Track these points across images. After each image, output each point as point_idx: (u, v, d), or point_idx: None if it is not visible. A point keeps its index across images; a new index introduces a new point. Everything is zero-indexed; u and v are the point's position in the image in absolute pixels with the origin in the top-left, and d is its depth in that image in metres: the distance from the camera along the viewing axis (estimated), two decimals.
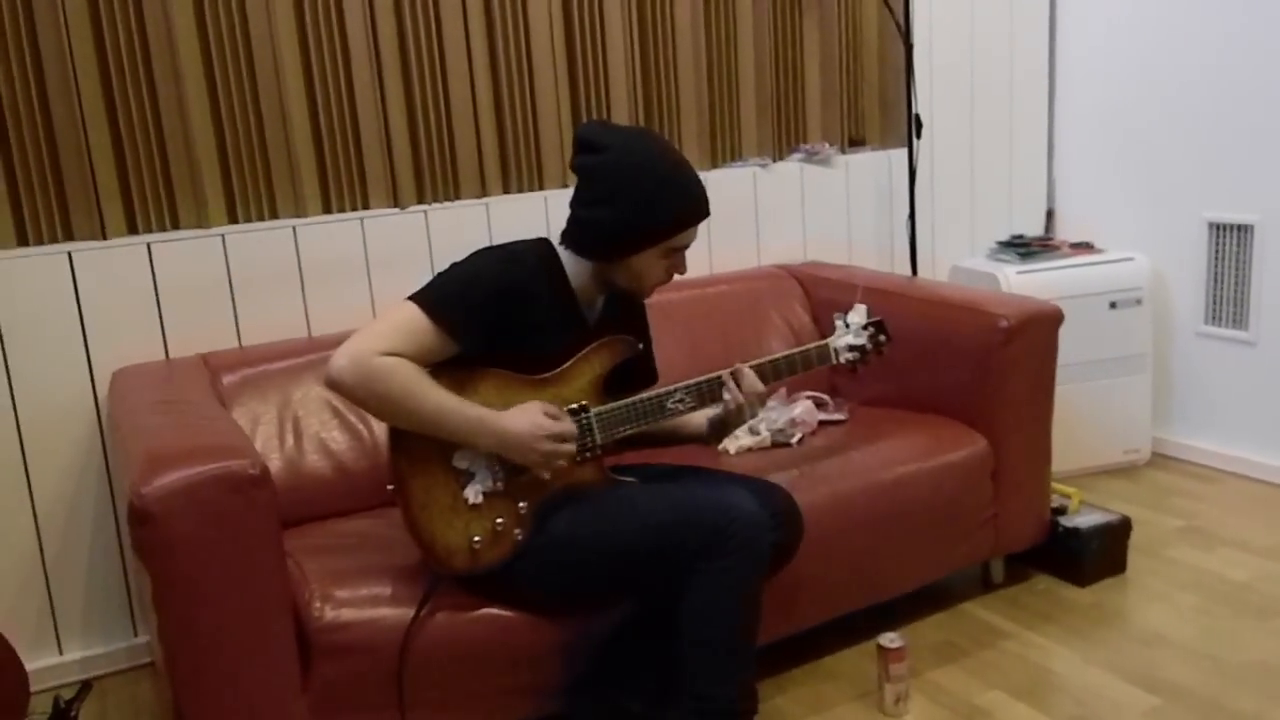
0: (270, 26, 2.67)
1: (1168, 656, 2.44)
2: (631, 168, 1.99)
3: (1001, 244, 3.66)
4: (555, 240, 2.09)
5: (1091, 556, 2.79)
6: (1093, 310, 3.36)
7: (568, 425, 1.98)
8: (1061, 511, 2.85)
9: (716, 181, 3.29)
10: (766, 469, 2.39)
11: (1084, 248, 3.63)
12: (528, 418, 1.95)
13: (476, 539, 1.98)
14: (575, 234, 2.05)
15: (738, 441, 2.64)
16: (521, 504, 2.00)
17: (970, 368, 2.69)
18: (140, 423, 2.09)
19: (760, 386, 2.12)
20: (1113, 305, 3.40)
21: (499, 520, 1.99)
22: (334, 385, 1.88)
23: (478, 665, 2.03)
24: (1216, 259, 3.42)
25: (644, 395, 2.09)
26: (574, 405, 2.04)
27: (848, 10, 3.49)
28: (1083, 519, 2.83)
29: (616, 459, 2.20)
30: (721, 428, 2.20)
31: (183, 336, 2.66)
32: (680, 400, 2.10)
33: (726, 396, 2.10)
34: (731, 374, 2.11)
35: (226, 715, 1.84)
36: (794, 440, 2.68)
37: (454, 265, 2.01)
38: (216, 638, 1.81)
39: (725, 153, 3.37)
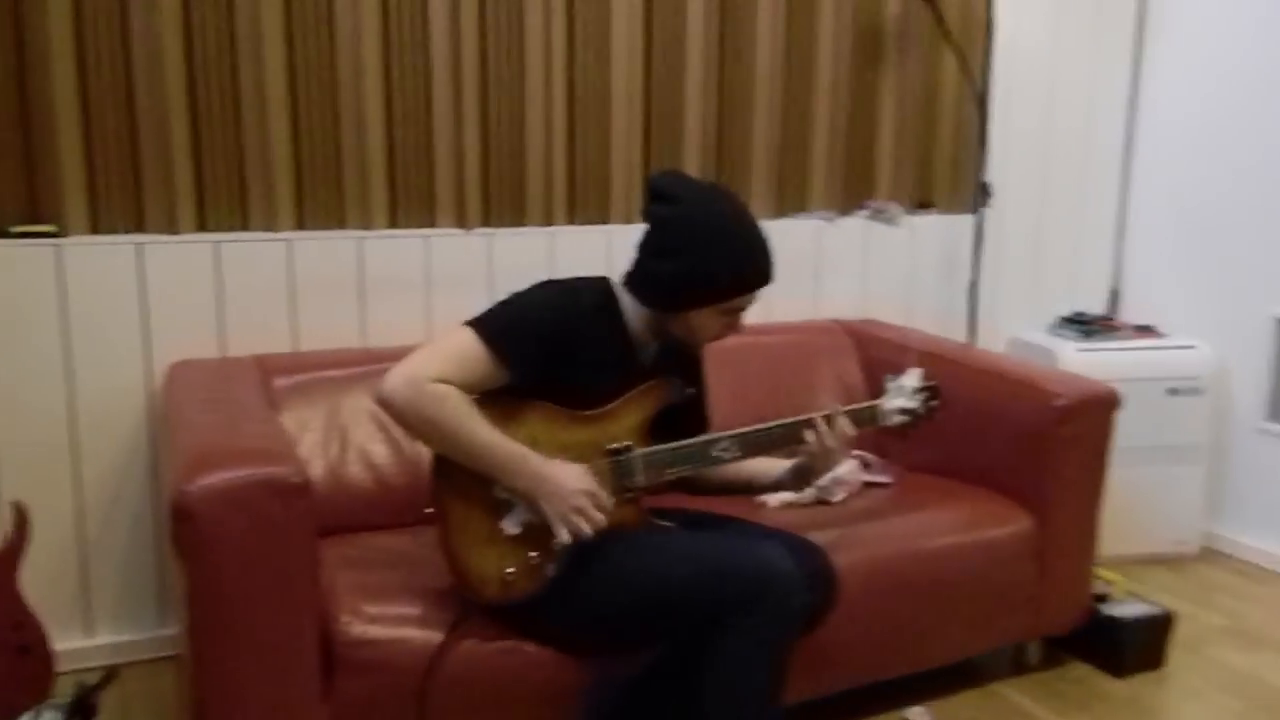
0: (355, 38, 2.71)
1: None
2: (702, 225, 1.98)
3: (1063, 319, 3.61)
4: (617, 279, 2.09)
5: (1131, 648, 2.72)
6: (1151, 396, 3.30)
7: (605, 498, 1.97)
8: (1103, 599, 2.78)
9: (781, 231, 3.26)
10: (806, 526, 2.35)
11: (1146, 331, 3.57)
12: (570, 471, 1.94)
13: (509, 570, 1.97)
14: (637, 280, 2.05)
15: (779, 496, 2.61)
16: (557, 540, 1.99)
17: (1022, 444, 2.64)
18: (190, 419, 2.11)
19: (853, 432, 2.09)
20: (1172, 392, 3.34)
21: (532, 554, 1.98)
22: (383, 404, 1.89)
23: (500, 698, 2.02)
24: None
25: (690, 440, 2.08)
26: (618, 445, 2.03)
27: (926, 72, 3.48)
28: (1125, 608, 2.76)
29: (658, 501, 2.18)
30: (804, 474, 2.16)
31: (240, 336, 2.69)
32: (726, 448, 2.08)
33: (810, 438, 2.07)
34: (825, 416, 2.08)
35: (245, 716, 1.84)
36: (836, 499, 2.64)
37: (513, 295, 2.02)
38: (242, 639, 1.82)
39: (793, 204, 3.36)
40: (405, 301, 2.85)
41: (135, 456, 2.65)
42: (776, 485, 2.23)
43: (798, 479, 2.19)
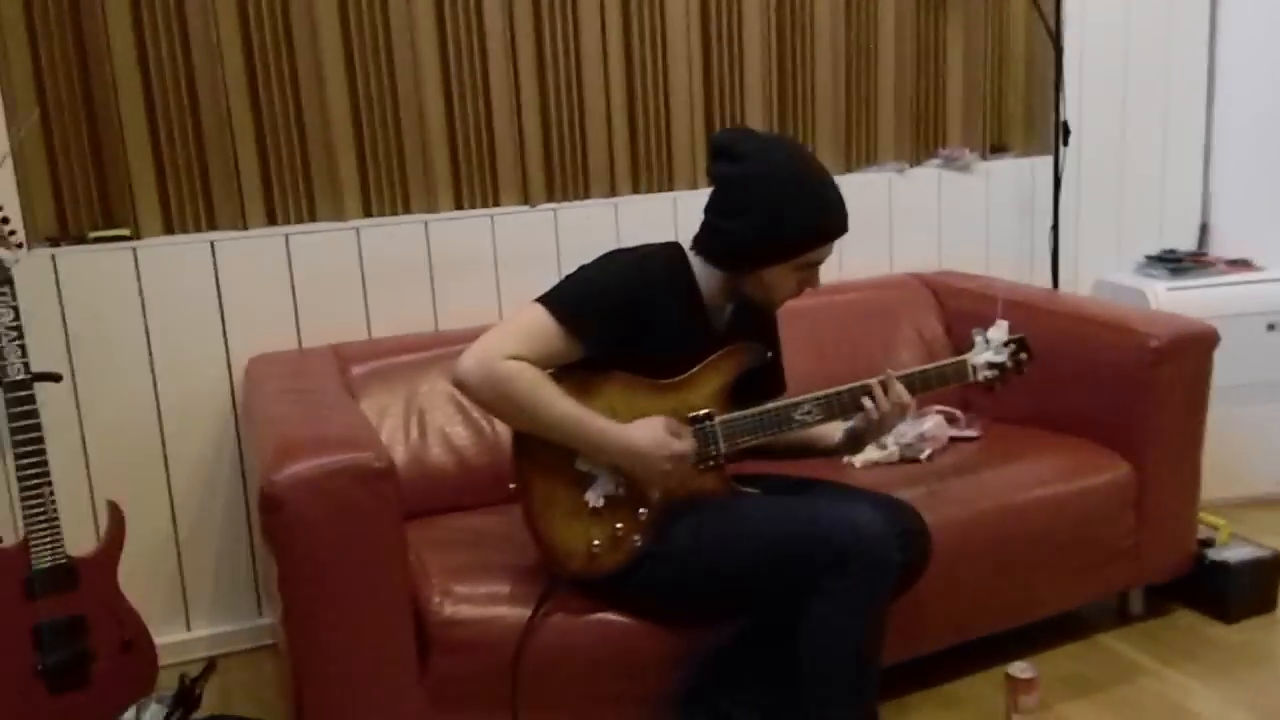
0: (411, 25, 2.70)
1: None
2: (770, 179, 1.93)
3: (1151, 259, 3.48)
4: (686, 244, 2.06)
5: (1239, 592, 2.63)
6: (1249, 331, 3.18)
7: (688, 444, 1.94)
8: (1208, 543, 2.69)
9: (851, 186, 3.15)
10: (894, 485, 2.31)
11: (1241, 265, 3.43)
12: (651, 434, 1.92)
13: (596, 543, 1.96)
14: (707, 242, 2.01)
15: (865, 455, 2.56)
16: (642, 510, 1.97)
17: (1115, 389, 2.55)
18: (272, 411, 2.13)
19: (908, 398, 2.04)
20: (1271, 327, 3.21)
21: (619, 526, 1.96)
22: (460, 385, 1.88)
23: (591, 670, 2.01)
24: None
25: (771, 405, 2.04)
26: (699, 413, 2.00)
27: (993, 11, 3.37)
28: (1231, 552, 2.67)
29: (738, 468, 2.15)
30: (859, 439, 2.13)
31: (315, 326, 2.71)
32: (809, 412, 2.04)
33: (869, 404, 2.02)
34: (880, 382, 2.04)
35: (345, 701, 1.86)
36: (923, 456, 2.58)
37: (582, 268, 1.99)
38: (338, 625, 1.83)
39: (861, 157, 3.29)
40: (475, 282, 2.85)
41: (222, 451, 2.70)
42: (831, 450, 2.19)
43: (852, 443, 2.15)
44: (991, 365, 2.15)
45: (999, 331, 2.16)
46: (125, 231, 2.56)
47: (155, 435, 2.63)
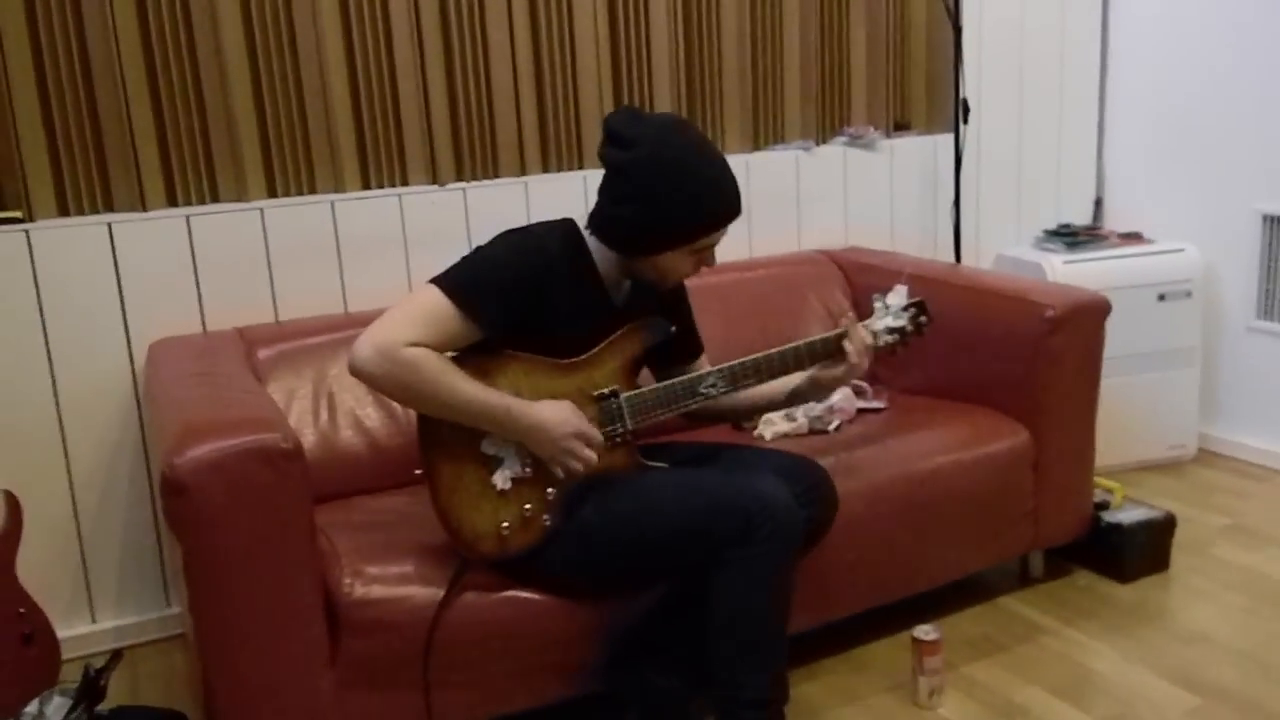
0: (313, 2, 2.65)
1: (1210, 656, 2.39)
2: (660, 166, 1.92)
3: (1048, 233, 3.58)
4: (582, 222, 2.06)
5: (1134, 552, 2.73)
6: (1140, 302, 3.29)
7: (596, 433, 1.96)
8: (1104, 506, 2.79)
9: (759, 164, 3.24)
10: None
11: (1133, 238, 3.56)
12: (558, 411, 1.92)
13: (505, 525, 1.96)
14: (600, 225, 2.01)
15: (774, 427, 2.61)
16: (550, 490, 1.98)
17: (1014, 358, 2.63)
18: (175, 395, 2.09)
19: (870, 339, 2.12)
20: (1161, 298, 3.33)
21: (527, 506, 1.97)
22: (358, 374, 1.86)
23: (507, 646, 2.02)
24: (1269, 252, 3.33)
25: (675, 380, 2.06)
26: (604, 390, 2.01)
27: None
28: (1126, 514, 2.77)
29: (650, 439, 2.17)
30: (820, 387, 2.17)
31: (220, 309, 2.66)
32: (713, 384, 2.07)
33: (849, 348, 2.07)
34: (838, 336, 2.09)
35: (254, 687, 1.84)
36: (831, 427, 2.64)
37: (477, 249, 1.98)
38: (246, 610, 1.81)
39: (768, 135, 3.32)
40: (384, 262, 2.82)
41: (125, 438, 2.63)
42: (774, 406, 2.25)
43: (814, 389, 2.18)
44: (891, 330, 2.19)
45: (898, 297, 2.20)
46: (17, 214, 2.47)
47: (53, 422, 2.56)
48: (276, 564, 1.83)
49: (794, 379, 2.17)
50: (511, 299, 1.92)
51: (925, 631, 2.23)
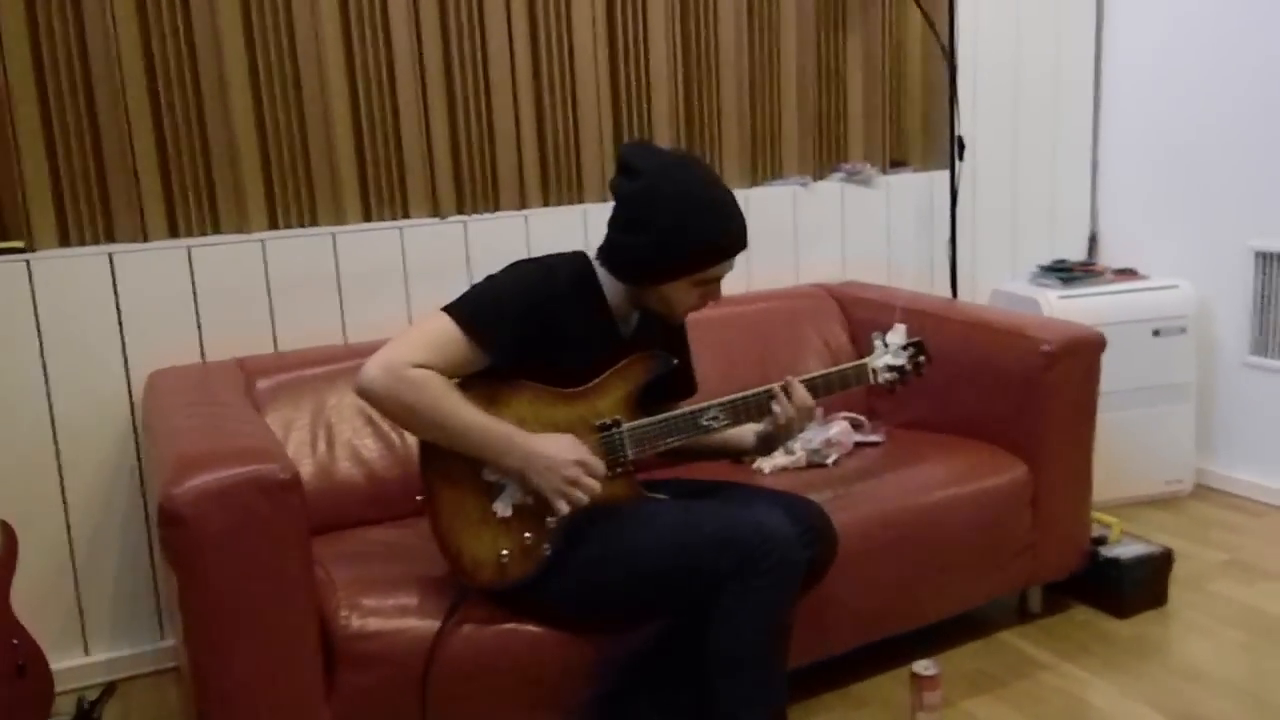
0: (316, 36, 2.68)
1: (1208, 692, 2.38)
2: (668, 197, 1.95)
3: (1043, 268, 3.61)
4: (593, 254, 2.08)
5: (1132, 588, 2.73)
6: (1136, 338, 3.31)
7: (598, 463, 1.96)
8: (1102, 541, 2.79)
9: (756, 200, 3.26)
10: (801, 489, 2.33)
11: (1127, 274, 3.58)
12: (559, 442, 1.93)
13: (504, 553, 1.96)
14: (609, 255, 2.03)
15: (772, 461, 2.61)
16: (551, 519, 1.97)
17: (1011, 392, 2.64)
18: (173, 425, 2.09)
19: (810, 401, 2.08)
20: (1156, 333, 3.34)
21: (527, 535, 1.96)
22: (364, 394, 1.87)
23: (504, 679, 2.01)
24: (1263, 288, 3.35)
25: (678, 411, 2.06)
26: (606, 420, 2.02)
27: (891, 30, 3.47)
28: (1123, 550, 2.77)
29: (648, 475, 2.17)
30: (769, 442, 2.17)
31: (219, 340, 2.67)
32: (715, 417, 2.07)
33: (776, 409, 2.06)
34: (783, 387, 2.08)
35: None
36: (829, 461, 2.64)
37: (488, 277, 2.00)
38: (242, 641, 1.80)
39: (766, 170, 3.35)
40: (384, 295, 2.83)
41: (121, 468, 2.63)
42: (745, 452, 2.24)
43: (764, 445, 2.20)
44: (890, 368, 2.21)
45: (897, 335, 2.22)
46: (19, 244, 2.48)
47: (50, 453, 2.56)
48: (273, 595, 1.82)
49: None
50: (520, 327, 1.93)
51: (924, 666, 2.22)
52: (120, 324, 2.58)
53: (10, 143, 2.45)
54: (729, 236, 2.00)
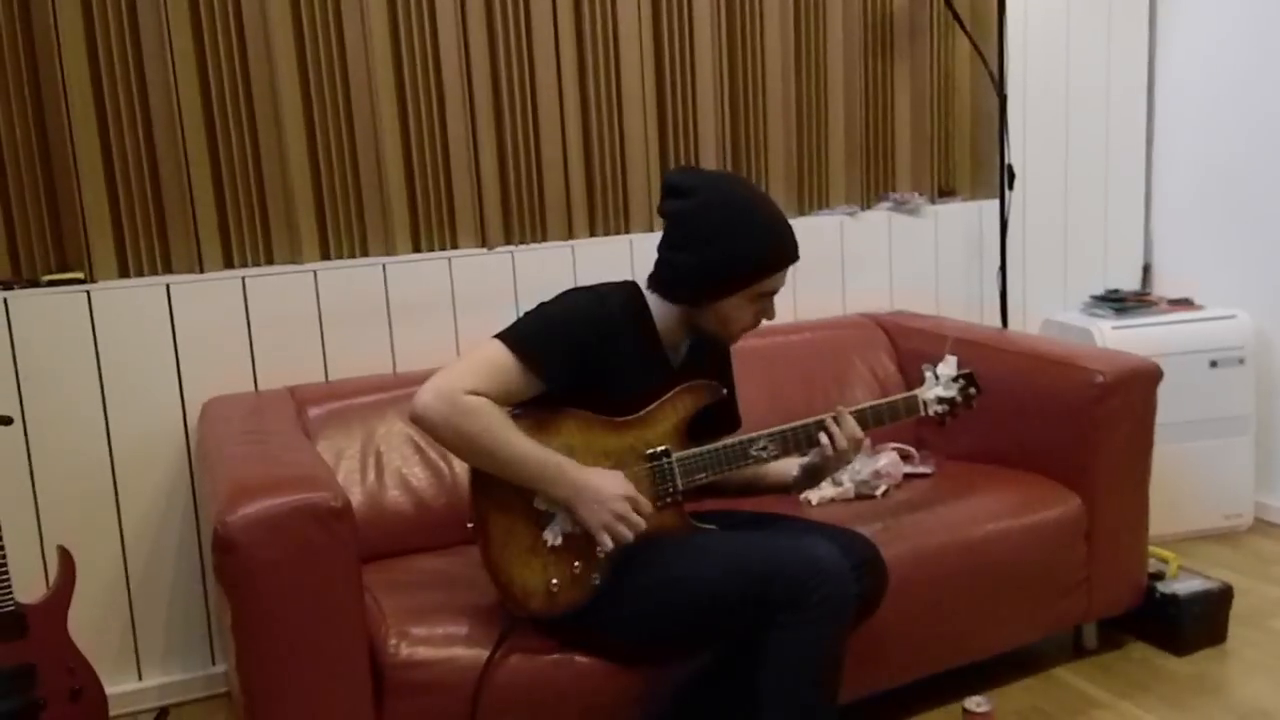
0: (369, 69, 2.73)
1: None
2: (720, 211, 1.97)
3: (1096, 298, 3.56)
4: (643, 284, 2.08)
5: (1190, 625, 2.67)
6: (1192, 369, 3.25)
7: (646, 501, 1.95)
8: (1159, 577, 2.73)
9: (804, 229, 3.22)
10: (850, 521, 2.32)
11: (1183, 304, 3.52)
12: (609, 477, 1.93)
13: (554, 582, 1.95)
14: (663, 277, 2.04)
15: (820, 492, 2.59)
16: (600, 549, 1.97)
17: (1064, 424, 2.60)
18: (227, 453, 2.12)
19: (860, 433, 2.07)
20: (1213, 364, 3.29)
21: (577, 564, 1.96)
22: (418, 420, 1.88)
23: (552, 709, 2.00)
24: None
25: (728, 441, 2.06)
26: (656, 449, 2.01)
27: (939, 58, 3.46)
28: (1181, 585, 2.71)
29: (696, 506, 2.16)
30: (815, 474, 2.15)
31: (272, 369, 2.70)
32: (764, 447, 2.06)
33: (825, 440, 2.05)
34: (833, 418, 2.06)
35: None
36: (878, 492, 2.61)
37: (541, 305, 2.01)
38: (292, 668, 1.81)
39: (813, 201, 3.35)
40: (432, 324, 2.86)
41: (176, 496, 2.67)
42: (787, 486, 2.21)
43: (808, 479, 2.17)
44: (942, 400, 2.19)
45: (948, 367, 2.20)
46: (79, 275, 2.54)
47: (108, 480, 2.60)
48: (324, 623, 1.83)
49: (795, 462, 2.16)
50: (573, 355, 1.94)
51: (977, 703, 2.19)
52: (176, 353, 2.62)
53: (72, 175, 2.52)
54: (781, 248, 2.01)
